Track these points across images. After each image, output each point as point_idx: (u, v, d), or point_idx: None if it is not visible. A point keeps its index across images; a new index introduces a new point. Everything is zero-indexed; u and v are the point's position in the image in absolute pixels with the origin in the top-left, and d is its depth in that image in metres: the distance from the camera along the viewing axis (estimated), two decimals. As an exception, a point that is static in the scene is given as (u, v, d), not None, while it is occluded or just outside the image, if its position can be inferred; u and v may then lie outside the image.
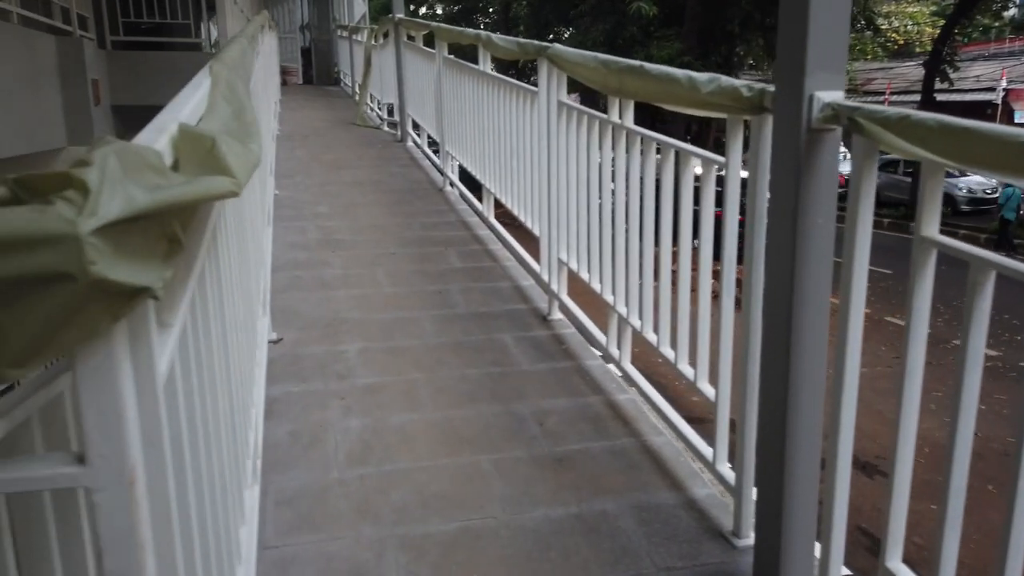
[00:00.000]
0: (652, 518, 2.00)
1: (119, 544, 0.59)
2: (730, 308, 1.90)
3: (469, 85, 4.40)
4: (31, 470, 0.58)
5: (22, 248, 0.48)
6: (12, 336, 0.50)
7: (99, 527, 0.59)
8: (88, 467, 0.57)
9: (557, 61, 2.89)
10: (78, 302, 0.51)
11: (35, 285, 0.49)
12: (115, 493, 0.58)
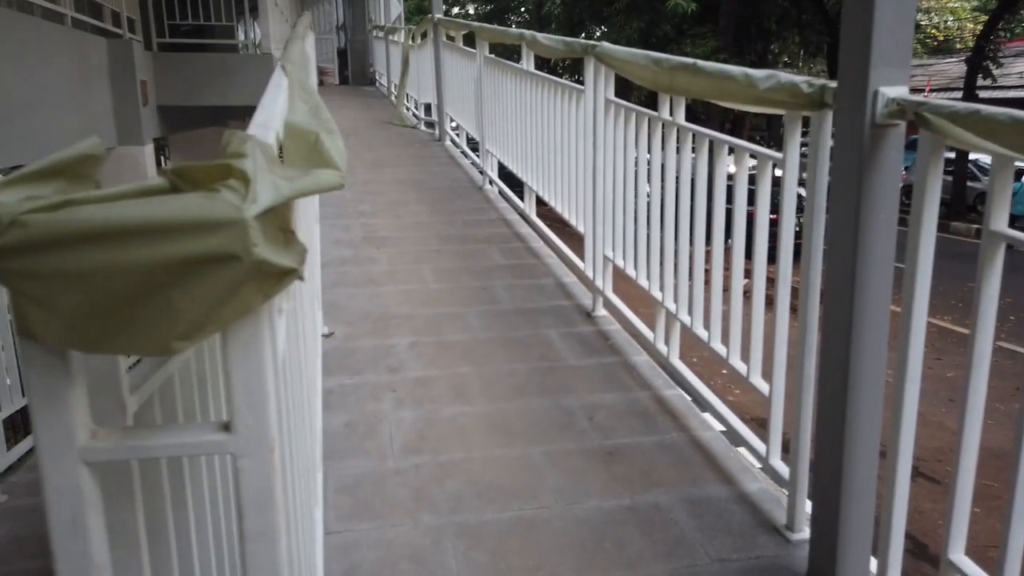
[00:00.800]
0: (705, 511, 2.02)
1: (259, 505, 0.64)
2: (785, 303, 1.91)
3: (511, 84, 4.44)
4: (187, 437, 0.63)
5: (195, 231, 0.53)
6: (183, 312, 0.55)
7: (242, 490, 0.64)
8: (235, 435, 0.62)
9: (605, 59, 2.92)
10: (240, 281, 0.55)
11: (205, 265, 0.54)
12: (257, 459, 0.63)
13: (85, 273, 0.52)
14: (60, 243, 0.51)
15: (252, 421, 0.62)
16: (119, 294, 0.54)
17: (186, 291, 0.54)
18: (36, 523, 2.71)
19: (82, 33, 5.86)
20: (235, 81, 7.98)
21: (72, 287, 0.53)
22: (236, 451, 0.63)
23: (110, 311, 0.54)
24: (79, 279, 0.52)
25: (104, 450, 0.62)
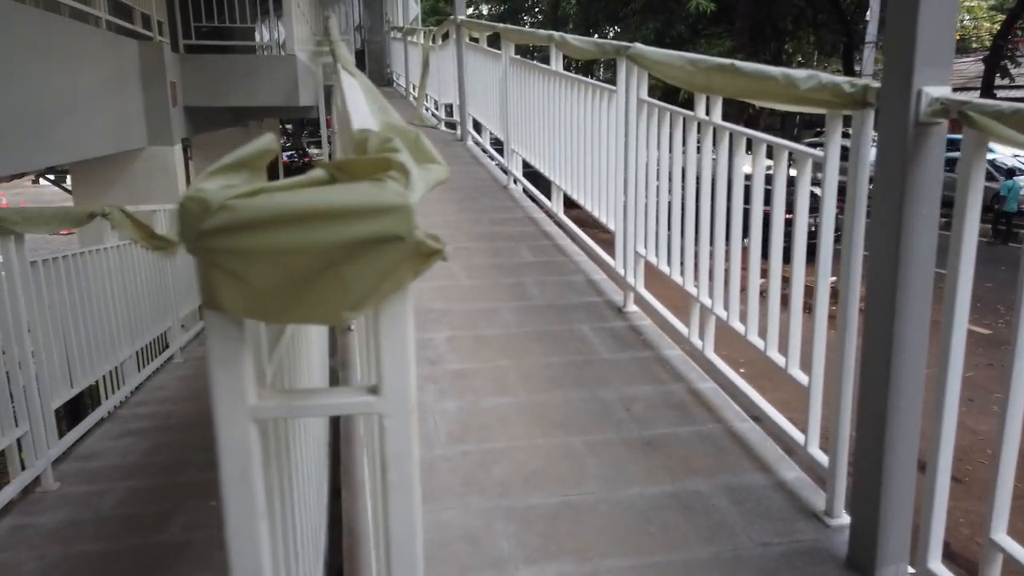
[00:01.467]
0: (744, 498, 2.09)
1: (400, 460, 0.72)
2: (824, 298, 1.98)
3: (539, 84, 4.52)
4: (342, 398, 0.71)
5: (367, 216, 0.61)
6: (353, 286, 0.63)
7: (386, 447, 0.72)
8: (382, 397, 0.70)
9: (638, 60, 2.99)
10: (402, 260, 0.63)
11: (374, 245, 0.62)
12: (401, 419, 0.71)
13: (276, 251, 0.61)
14: (258, 225, 0.60)
15: (397, 385, 0.70)
16: (301, 270, 0.62)
17: (356, 267, 0.63)
18: (91, 508, 2.82)
19: (115, 36, 6.00)
20: (260, 82, 8.12)
21: (264, 263, 0.61)
22: (383, 411, 0.71)
23: (292, 285, 0.62)
24: (271, 256, 0.61)
25: (271, 408, 0.70)
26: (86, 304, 3.56)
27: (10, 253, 2.77)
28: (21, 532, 2.62)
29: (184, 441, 3.63)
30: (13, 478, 2.85)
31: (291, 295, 0.63)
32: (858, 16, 21.58)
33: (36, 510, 2.81)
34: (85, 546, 2.51)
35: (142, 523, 2.69)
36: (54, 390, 3.14)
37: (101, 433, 3.68)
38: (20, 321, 2.82)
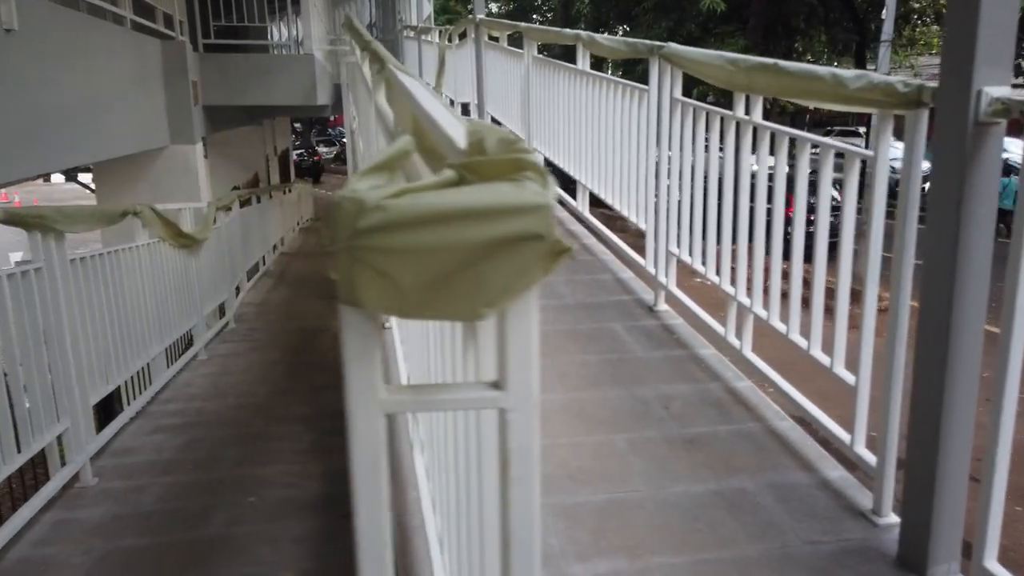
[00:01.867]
0: (790, 496, 2.10)
1: (522, 455, 0.73)
2: (873, 297, 1.99)
3: (565, 83, 4.53)
4: (467, 393, 0.73)
5: (508, 215, 0.63)
6: (491, 283, 0.65)
7: (509, 442, 0.73)
8: (506, 392, 0.72)
9: (673, 59, 3.00)
10: (539, 258, 0.65)
11: (514, 243, 0.63)
12: (524, 414, 0.73)
13: (423, 250, 0.62)
14: (408, 224, 0.61)
15: (522, 380, 0.72)
16: (443, 268, 0.63)
17: (495, 265, 0.64)
18: (132, 504, 2.86)
19: (140, 35, 6.04)
20: (278, 81, 8.15)
21: (411, 262, 0.62)
22: (507, 406, 0.72)
23: (433, 283, 0.64)
24: (417, 255, 0.62)
25: (401, 402, 0.72)
26: (120, 301, 3.60)
27: (51, 250, 2.80)
28: (64, 527, 2.66)
29: (216, 438, 3.66)
30: (52, 473, 2.88)
31: (431, 293, 0.65)
32: (871, 14, 21.50)
33: (77, 505, 2.85)
34: (129, 540, 2.54)
35: (183, 518, 2.72)
36: (92, 386, 3.17)
37: (134, 429, 3.71)
38: (61, 317, 2.85)
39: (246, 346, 6.03)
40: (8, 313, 2.48)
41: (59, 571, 2.35)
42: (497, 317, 0.72)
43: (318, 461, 3.27)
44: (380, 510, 0.74)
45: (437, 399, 0.73)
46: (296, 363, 5.48)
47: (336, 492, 2.92)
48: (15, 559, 2.42)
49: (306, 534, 2.56)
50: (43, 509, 2.72)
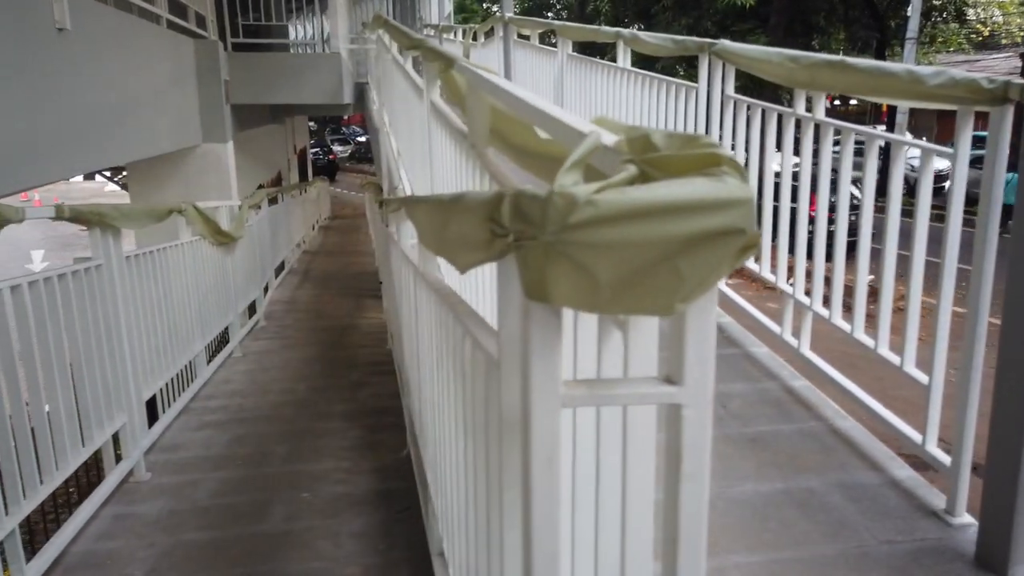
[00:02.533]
0: (859, 495, 2.09)
1: (695, 451, 0.73)
2: (949, 297, 1.97)
3: (602, 81, 4.52)
4: (643, 388, 0.73)
5: (712, 209, 0.63)
6: (687, 277, 0.65)
7: (682, 437, 0.73)
8: (683, 387, 0.72)
9: (726, 56, 2.98)
10: (735, 252, 0.65)
11: (714, 238, 0.63)
12: (699, 409, 0.73)
13: (628, 244, 0.62)
14: (616, 219, 0.61)
15: (699, 376, 0.72)
16: (644, 263, 0.63)
17: (692, 260, 0.64)
18: (188, 499, 2.88)
19: (175, 34, 6.08)
20: (306, 79, 8.18)
21: (613, 256, 0.63)
22: (683, 401, 0.72)
23: (631, 277, 0.64)
24: (622, 249, 0.62)
25: (578, 397, 0.72)
26: (168, 297, 3.63)
27: (109, 247, 2.83)
28: (124, 521, 2.68)
29: (262, 434, 3.68)
30: (107, 469, 2.91)
31: (627, 287, 0.65)
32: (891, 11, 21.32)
33: (133, 500, 2.87)
34: (191, 535, 2.56)
35: (241, 513, 2.74)
36: (144, 382, 3.20)
37: (179, 425, 3.74)
38: (118, 312, 2.88)
39: (279, 343, 6.06)
40: (73, 309, 2.50)
41: (125, 565, 2.37)
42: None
43: (367, 458, 3.28)
44: (554, 504, 0.75)
45: (613, 394, 0.73)
46: (330, 360, 5.50)
47: (389, 488, 2.93)
48: (80, 552, 2.44)
49: (364, 529, 2.57)
50: (102, 504, 2.75)
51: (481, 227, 0.84)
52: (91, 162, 4.24)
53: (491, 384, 1.00)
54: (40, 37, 3.42)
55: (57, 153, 3.58)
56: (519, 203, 0.67)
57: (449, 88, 2.59)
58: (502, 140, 1.75)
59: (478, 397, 1.08)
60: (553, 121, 1.10)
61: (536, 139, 1.41)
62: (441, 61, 2.34)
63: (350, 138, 36.00)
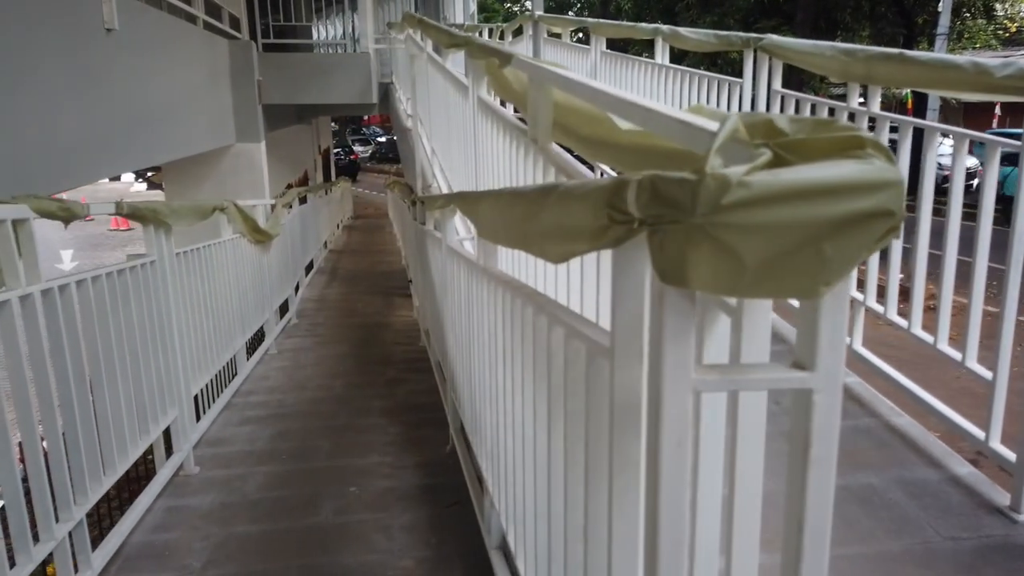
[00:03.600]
0: (921, 492, 2.07)
1: (824, 436, 0.73)
2: (1015, 291, 1.94)
3: (640, 78, 4.51)
4: (775, 373, 0.73)
5: (863, 191, 0.63)
6: (831, 261, 0.65)
7: (812, 422, 0.73)
8: (815, 373, 0.72)
9: (773, 51, 2.96)
10: (886, 235, 0.65)
11: (864, 220, 0.63)
12: (831, 395, 0.72)
13: (778, 226, 0.62)
14: (768, 201, 0.61)
15: (831, 362, 0.72)
16: (792, 245, 0.63)
17: (838, 243, 0.64)
18: (238, 492, 2.91)
19: (211, 35, 6.15)
20: (336, 79, 8.24)
21: (763, 238, 0.63)
22: (814, 387, 0.72)
23: (777, 260, 0.64)
24: (771, 231, 0.63)
25: (710, 382, 0.72)
26: (212, 294, 3.67)
27: (162, 244, 2.87)
28: (177, 513, 2.72)
29: (304, 429, 3.72)
30: (158, 462, 2.95)
31: (772, 270, 0.65)
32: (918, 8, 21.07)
33: (185, 493, 2.91)
34: (243, 527, 2.59)
35: (291, 506, 2.76)
36: (192, 376, 3.25)
37: (223, 420, 3.79)
38: (169, 308, 2.92)
39: (312, 341, 6.11)
40: (131, 304, 2.54)
41: (182, 556, 2.40)
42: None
43: (410, 453, 3.30)
44: (683, 487, 0.75)
45: (745, 379, 0.73)
46: (363, 357, 5.53)
47: (435, 483, 2.95)
48: (138, 543, 2.48)
49: (414, 523, 2.59)
50: (156, 497, 2.79)
51: (595, 215, 0.84)
52: (137, 161, 4.30)
53: (595, 371, 1.00)
54: (90, 37, 3.48)
55: (106, 152, 3.64)
56: (658, 187, 0.67)
57: (500, 84, 2.60)
58: (568, 134, 1.75)
59: (573, 385, 1.09)
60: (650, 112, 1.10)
61: (616, 130, 1.41)
62: (496, 57, 2.34)
63: (370, 138, 36.23)
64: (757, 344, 0.85)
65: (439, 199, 3.10)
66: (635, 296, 0.85)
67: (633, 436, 0.89)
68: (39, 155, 2.87)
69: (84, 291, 2.20)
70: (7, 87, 2.63)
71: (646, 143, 1.31)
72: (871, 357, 2.59)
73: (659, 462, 0.73)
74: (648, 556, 0.78)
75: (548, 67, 1.75)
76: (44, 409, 1.99)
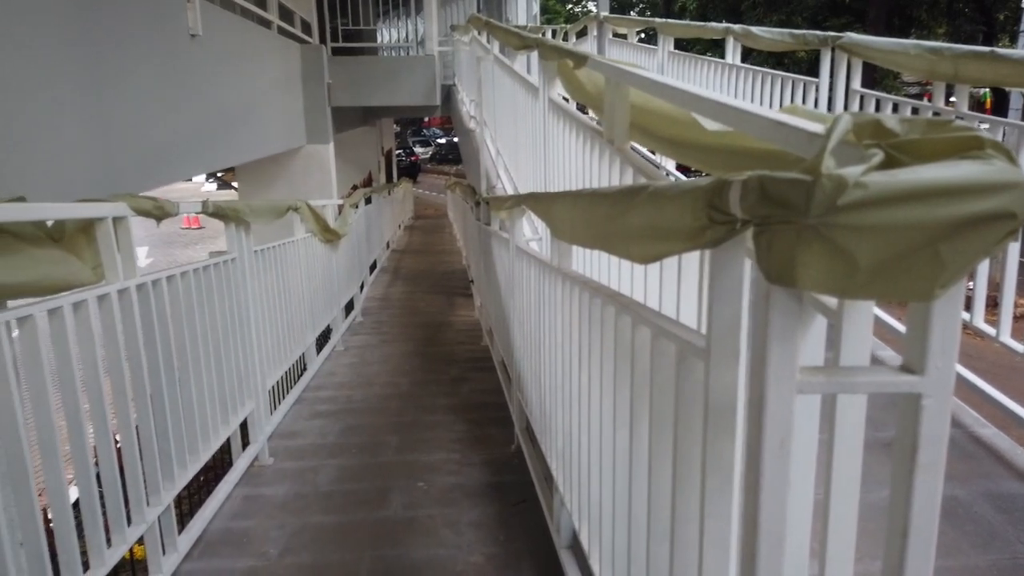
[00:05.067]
0: (1009, 506, 1.99)
1: (933, 441, 0.72)
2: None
3: (709, 77, 4.45)
4: (882, 376, 0.73)
5: (982, 193, 0.61)
6: (949, 264, 0.64)
7: (920, 427, 0.72)
8: (925, 377, 0.71)
9: (853, 50, 2.89)
10: (1006, 238, 0.64)
11: (984, 222, 0.62)
12: (939, 399, 0.71)
13: (894, 227, 0.62)
14: (885, 201, 0.61)
15: (943, 367, 0.71)
16: (908, 246, 0.63)
17: (955, 245, 0.63)
18: (310, 483, 3.00)
19: (285, 39, 6.35)
20: (400, 82, 8.38)
21: (878, 239, 0.62)
22: (924, 391, 0.71)
23: (890, 261, 0.64)
24: (887, 232, 0.62)
25: (815, 383, 0.72)
26: (286, 290, 3.79)
27: (242, 242, 2.98)
28: (254, 502, 2.81)
29: (372, 424, 3.80)
30: (235, 452, 3.06)
31: (885, 271, 0.64)
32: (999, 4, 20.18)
33: (260, 482, 3.01)
34: (317, 518, 2.67)
35: (362, 499, 2.83)
36: (268, 370, 3.36)
37: (294, 414, 3.90)
38: (248, 303, 3.03)
39: (377, 338, 6.23)
40: (215, 298, 2.65)
41: (261, 543, 2.49)
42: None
43: (475, 450, 3.33)
44: (784, 487, 0.75)
45: (851, 381, 0.73)
46: (428, 355, 5.61)
47: (501, 481, 2.97)
48: (219, 530, 2.58)
49: (482, 520, 2.62)
50: (234, 485, 2.90)
51: (693, 215, 0.85)
52: (217, 161, 4.47)
53: (685, 371, 1.00)
54: (176, 43, 3.63)
55: (189, 152, 3.80)
56: (767, 187, 0.67)
57: (572, 85, 2.61)
58: (647, 134, 1.75)
59: (660, 385, 1.09)
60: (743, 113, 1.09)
61: (702, 131, 1.40)
62: (571, 59, 2.35)
63: (431, 140, 36.70)
64: (858, 346, 0.84)
65: (507, 200, 3.13)
66: (733, 296, 0.84)
67: (728, 437, 0.89)
68: (130, 155, 3.02)
69: (174, 286, 2.30)
70: (102, 92, 2.78)
71: (736, 144, 1.30)
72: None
73: (760, 463, 0.73)
74: (745, 557, 0.78)
75: (627, 68, 1.75)
76: (137, 398, 2.09)
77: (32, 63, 2.28)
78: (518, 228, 3.01)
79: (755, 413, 0.73)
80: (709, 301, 0.87)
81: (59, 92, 2.45)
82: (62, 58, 2.48)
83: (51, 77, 2.41)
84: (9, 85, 2.14)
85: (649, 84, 1.53)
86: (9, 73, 2.14)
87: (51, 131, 2.38)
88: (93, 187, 2.59)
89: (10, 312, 1.57)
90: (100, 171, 2.75)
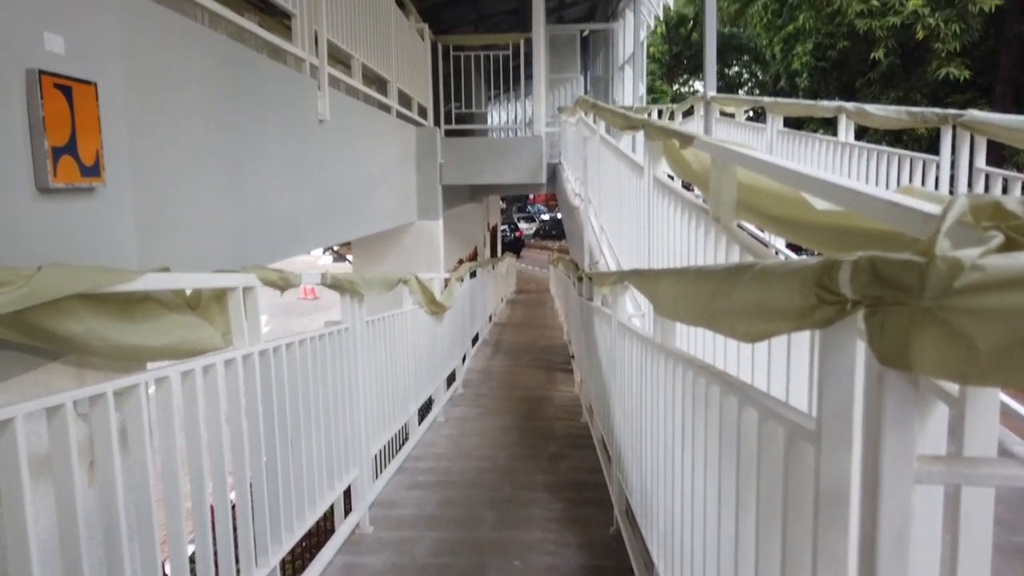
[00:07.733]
0: None
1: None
2: None
3: (821, 156, 4.37)
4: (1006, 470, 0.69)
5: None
6: None
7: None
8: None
9: (976, 127, 2.78)
10: None
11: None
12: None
13: (1012, 312, 0.60)
14: (1003, 285, 0.59)
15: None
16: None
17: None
18: (408, 555, 3.01)
19: (402, 123, 6.76)
20: (509, 161, 8.68)
21: (998, 324, 0.60)
22: (1057, 488, 0.67)
23: (1012, 347, 0.61)
24: (1007, 317, 0.60)
25: (936, 473, 0.68)
26: (392, 361, 3.91)
27: (355, 312, 3.13)
28: (354, 570, 2.85)
29: (469, 498, 3.80)
30: (336, 519, 3.13)
31: (1007, 358, 0.61)
32: None
33: (360, 551, 3.05)
34: (414, 589, 2.67)
35: (458, 574, 2.81)
36: (373, 438, 3.45)
37: (394, 483, 3.96)
38: (357, 371, 3.15)
39: (476, 411, 6.28)
40: (328, 366, 2.78)
41: (358, 611, 2.51)
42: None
43: (572, 531, 3.26)
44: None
45: (975, 473, 0.69)
46: (526, 429, 5.59)
47: (599, 565, 2.89)
48: (318, 595, 2.62)
49: (578, 604, 2.54)
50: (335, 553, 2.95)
51: (801, 294, 0.84)
52: (337, 235, 4.76)
53: (794, 455, 0.97)
54: (307, 128, 3.96)
55: (312, 227, 4.06)
56: (879, 268, 0.67)
57: (678, 165, 2.64)
58: (754, 212, 1.74)
59: (768, 469, 1.06)
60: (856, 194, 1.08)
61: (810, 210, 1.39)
62: (677, 139, 2.39)
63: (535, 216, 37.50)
64: (984, 436, 0.79)
65: (610, 276, 3.14)
66: (845, 378, 0.82)
67: (840, 527, 0.85)
68: (259, 230, 3.27)
69: (292, 353, 2.44)
70: (239, 172, 3.04)
71: (846, 224, 1.28)
72: None
73: (875, 557, 0.70)
74: (861, 659, 0.74)
75: (733, 147, 1.76)
76: (253, 459, 2.20)
77: (183, 144, 2.54)
78: (620, 304, 3.01)
79: (869, 502, 0.70)
80: (819, 383, 0.85)
81: (204, 171, 2.71)
82: (208, 140, 2.75)
83: (198, 158, 2.67)
84: (164, 165, 2.39)
85: (756, 163, 1.53)
86: (164, 154, 2.39)
87: (194, 207, 2.63)
88: (226, 259, 2.82)
89: (149, 373, 1.72)
90: (233, 244, 2.99)
